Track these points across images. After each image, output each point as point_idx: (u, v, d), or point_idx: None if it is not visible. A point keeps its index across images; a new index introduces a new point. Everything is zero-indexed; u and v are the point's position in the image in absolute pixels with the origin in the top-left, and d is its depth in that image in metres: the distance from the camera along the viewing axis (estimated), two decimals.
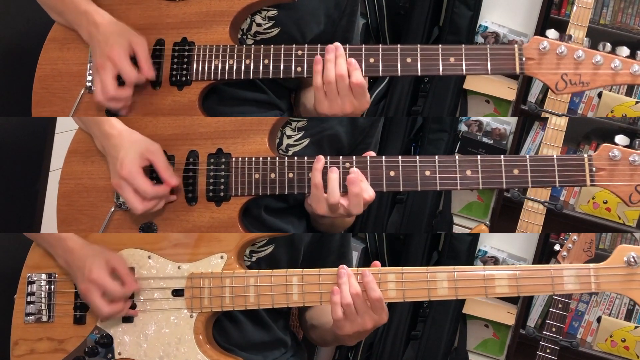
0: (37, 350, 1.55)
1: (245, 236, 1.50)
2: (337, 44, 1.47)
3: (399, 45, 1.50)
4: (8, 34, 2.22)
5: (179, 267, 1.50)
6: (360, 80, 1.45)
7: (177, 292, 1.50)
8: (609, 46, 1.45)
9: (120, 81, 1.52)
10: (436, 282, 1.41)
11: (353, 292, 1.41)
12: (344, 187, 1.44)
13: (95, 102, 1.53)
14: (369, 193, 1.44)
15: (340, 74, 1.45)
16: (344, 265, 1.44)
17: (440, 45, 1.48)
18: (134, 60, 1.53)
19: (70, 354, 1.53)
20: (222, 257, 1.50)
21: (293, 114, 1.73)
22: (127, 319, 1.51)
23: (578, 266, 1.40)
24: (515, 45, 1.47)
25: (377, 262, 1.46)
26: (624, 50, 1.44)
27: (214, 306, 1.48)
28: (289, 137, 1.60)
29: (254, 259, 1.58)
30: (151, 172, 1.50)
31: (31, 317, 1.56)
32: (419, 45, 1.49)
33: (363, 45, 1.51)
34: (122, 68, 1.50)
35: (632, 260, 1.36)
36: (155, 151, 1.50)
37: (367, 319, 1.42)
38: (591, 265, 1.39)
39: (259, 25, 1.59)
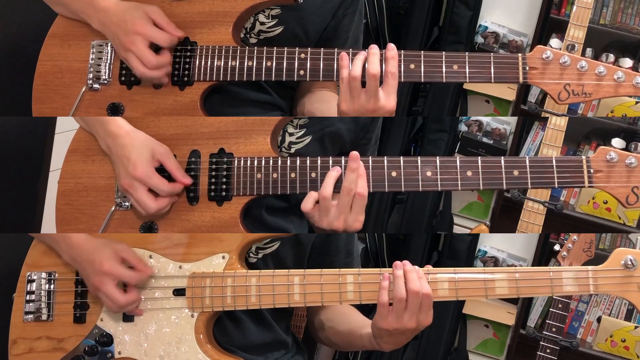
0: (35, 349, 1.54)
1: (247, 236, 1.50)
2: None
3: (402, 51, 1.49)
4: (8, 34, 2.22)
5: (180, 267, 1.50)
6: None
7: (179, 292, 1.50)
8: (611, 57, 1.47)
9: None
10: (437, 283, 1.42)
11: (412, 288, 1.39)
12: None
13: (139, 76, 1.53)
14: (360, 189, 1.43)
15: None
16: (406, 262, 1.42)
17: (444, 52, 1.48)
18: None
19: (70, 353, 1.53)
20: (223, 257, 1.50)
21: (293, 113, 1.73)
22: (128, 318, 1.51)
23: (577, 268, 1.41)
24: (519, 55, 1.47)
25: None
26: (627, 62, 1.45)
27: (215, 306, 1.48)
28: (291, 134, 1.60)
29: (260, 255, 1.58)
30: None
31: (30, 316, 1.55)
32: (422, 51, 1.48)
33: (366, 50, 1.51)
34: (153, 35, 1.50)
35: (630, 263, 1.38)
36: (165, 153, 1.50)
37: (414, 318, 1.40)
38: (589, 267, 1.41)
39: (262, 23, 1.59)
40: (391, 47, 1.46)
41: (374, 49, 1.46)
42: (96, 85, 1.59)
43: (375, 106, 1.45)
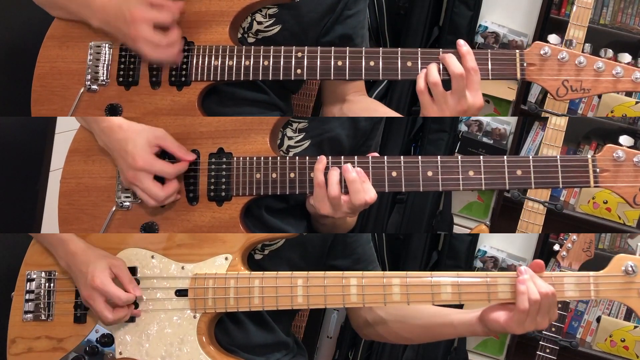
0: (35, 349, 1.54)
1: (250, 238, 1.50)
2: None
3: (399, 48, 1.49)
4: (8, 34, 2.22)
5: (182, 268, 1.50)
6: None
7: (181, 293, 1.49)
8: (610, 52, 1.45)
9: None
10: (440, 287, 1.42)
11: (543, 291, 1.38)
12: (346, 188, 1.44)
13: (154, 62, 1.53)
14: (370, 195, 1.43)
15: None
16: (526, 267, 1.42)
17: (440, 49, 1.48)
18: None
19: (70, 352, 1.52)
20: (226, 258, 1.49)
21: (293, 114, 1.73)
22: (129, 319, 1.50)
23: (578, 274, 1.41)
24: (517, 51, 1.47)
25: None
26: (626, 57, 1.44)
27: (218, 307, 1.47)
28: (290, 138, 1.60)
29: (266, 252, 1.58)
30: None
31: (29, 315, 1.55)
32: (419, 49, 1.48)
33: (363, 48, 1.51)
34: (154, 16, 1.49)
35: (630, 269, 1.39)
36: (162, 135, 1.49)
37: (546, 318, 1.40)
38: (591, 273, 1.41)
39: (259, 23, 1.59)
40: (463, 42, 1.46)
41: (446, 53, 1.45)
42: (94, 87, 1.59)
43: (466, 106, 1.44)
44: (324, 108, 1.78)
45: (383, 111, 1.73)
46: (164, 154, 1.51)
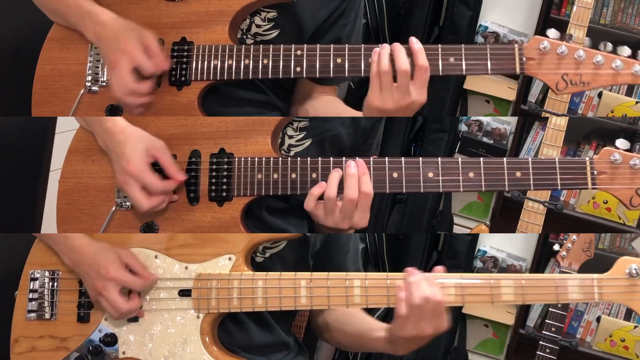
0: (38, 348, 1.54)
1: (254, 238, 1.50)
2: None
3: (399, 44, 1.49)
4: (8, 34, 2.22)
5: (186, 268, 1.50)
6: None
7: (184, 293, 1.49)
8: (610, 46, 1.45)
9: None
10: (444, 288, 1.41)
11: (423, 295, 1.37)
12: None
13: (114, 98, 1.52)
14: (365, 188, 1.42)
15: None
16: (414, 269, 1.41)
17: (440, 45, 1.48)
18: None
19: (73, 352, 1.52)
20: (230, 259, 1.49)
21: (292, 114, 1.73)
22: (132, 318, 1.50)
23: (582, 276, 1.41)
24: (516, 45, 1.46)
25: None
26: (625, 50, 1.44)
27: (221, 307, 1.47)
28: (291, 137, 1.60)
29: (267, 254, 1.57)
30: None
31: (33, 314, 1.55)
32: None
33: (362, 45, 1.51)
34: (139, 60, 1.49)
35: (634, 271, 1.38)
36: (160, 148, 1.49)
37: (429, 324, 1.39)
38: (594, 275, 1.40)
39: (258, 26, 1.59)
40: (415, 40, 1.45)
41: (397, 45, 1.45)
42: (95, 88, 1.59)
43: (409, 101, 1.44)
44: (292, 107, 1.77)
45: (342, 108, 1.72)
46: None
